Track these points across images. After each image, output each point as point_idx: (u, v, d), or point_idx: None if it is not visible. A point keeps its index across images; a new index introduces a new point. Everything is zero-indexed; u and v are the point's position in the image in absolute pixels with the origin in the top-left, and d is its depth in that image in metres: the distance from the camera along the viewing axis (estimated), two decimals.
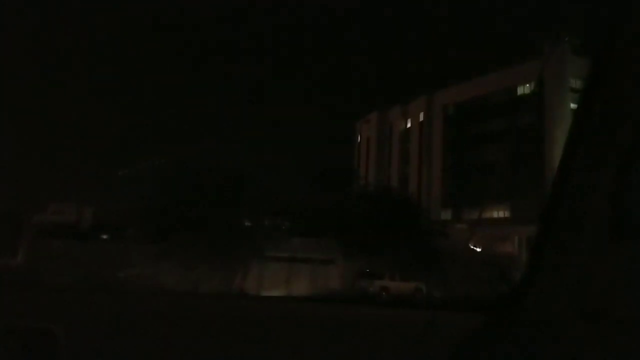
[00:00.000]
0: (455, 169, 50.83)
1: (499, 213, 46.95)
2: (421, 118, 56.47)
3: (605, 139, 1.86)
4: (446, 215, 49.79)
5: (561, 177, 1.97)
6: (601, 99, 1.87)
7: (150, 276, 23.96)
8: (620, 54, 1.81)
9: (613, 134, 1.85)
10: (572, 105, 44.92)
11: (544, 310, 1.96)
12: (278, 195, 32.91)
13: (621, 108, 1.83)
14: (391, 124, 59.87)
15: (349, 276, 28.41)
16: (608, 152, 1.85)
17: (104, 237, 32.46)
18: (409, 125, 58.44)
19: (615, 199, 1.84)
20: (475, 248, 42.37)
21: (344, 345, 2.18)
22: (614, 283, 1.82)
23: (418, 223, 35.66)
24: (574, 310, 1.88)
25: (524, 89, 47.17)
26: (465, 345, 2.09)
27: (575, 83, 45.38)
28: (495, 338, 2.08)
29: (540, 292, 2.00)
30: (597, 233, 1.87)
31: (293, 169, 39.23)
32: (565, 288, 1.92)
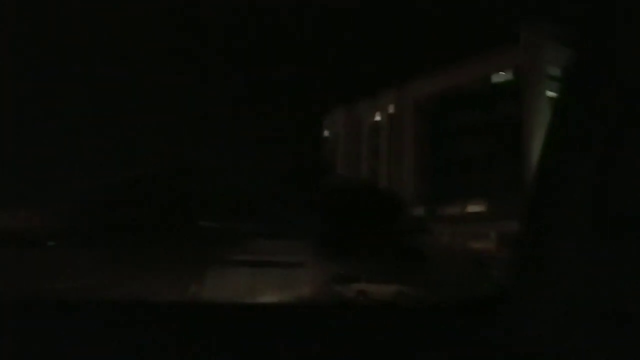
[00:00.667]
0: (428, 164, 48.44)
1: (476, 208, 44.80)
2: (391, 111, 53.93)
3: (586, 133, 1.90)
4: (419, 212, 47.36)
5: (542, 173, 2.08)
6: (580, 94, 1.95)
7: (96, 286, 20.76)
8: (600, 47, 1.87)
9: (594, 128, 1.88)
10: (550, 94, 43.29)
11: (530, 308, 1.98)
12: (241, 193, 29.56)
13: (602, 100, 1.85)
14: (360, 118, 57.16)
15: (322, 280, 25.40)
16: (589, 147, 1.88)
17: (52, 244, 28.74)
18: (378, 118, 55.84)
19: (598, 195, 1.85)
20: (455, 246, 40.39)
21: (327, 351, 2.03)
22: (599, 278, 1.81)
23: (395, 220, 33.00)
24: (559, 307, 1.89)
25: (500, 78, 45.18)
26: (452, 345, 2.08)
27: (553, 71, 43.68)
28: (483, 337, 2.08)
29: (526, 290, 2.04)
30: (581, 229, 1.91)
31: (258, 165, 35.96)
32: (550, 285, 1.95)
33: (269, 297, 22.83)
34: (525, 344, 1.92)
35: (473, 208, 44.97)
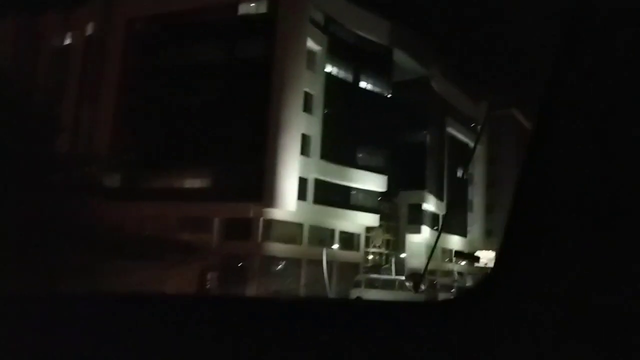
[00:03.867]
0: (135, 112, 33.56)
1: (195, 182, 32.00)
2: (90, 32, 37.17)
3: (575, 125, 1.89)
4: (115, 181, 32.25)
5: (529, 165, 1.98)
6: (566, 88, 1.91)
7: None
8: (585, 44, 1.87)
9: (582, 120, 1.88)
10: (311, 44, 33.52)
11: (516, 300, 1.95)
12: None
13: (589, 93, 1.86)
14: (40, 35, 38.47)
15: None
16: (580, 139, 1.87)
17: None
18: (69, 41, 38.28)
19: (587, 187, 1.84)
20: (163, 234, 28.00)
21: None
22: (588, 271, 1.81)
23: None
24: (545, 299, 1.87)
25: (249, 10, 33.35)
26: (432, 340, 2.04)
27: (317, 16, 34.05)
28: (464, 333, 2.03)
29: (513, 282, 1.98)
30: (569, 222, 1.87)
31: None
32: (536, 277, 1.91)
33: None
34: (510, 338, 1.86)
35: (191, 180, 32.01)
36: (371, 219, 37.43)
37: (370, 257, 39.92)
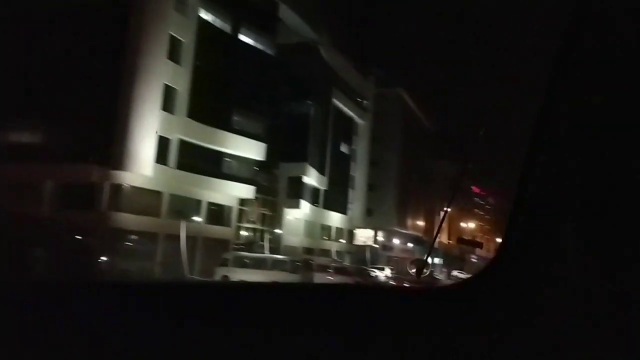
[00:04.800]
0: None
1: (24, 137, 25.83)
2: None
3: (578, 114, 1.90)
4: None
5: (531, 155, 1.97)
6: (567, 91, 1.90)
7: None
8: (590, 46, 1.86)
9: (586, 109, 1.88)
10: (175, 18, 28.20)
11: (515, 291, 1.93)
12: None
13: (590, 95, 1.87)
14: None
15: None
16: (581, 131, 1.89)
17: None
18: None
19: (587, 180, 1.87)
20: None
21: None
22: (596, 255, 1.82)
23: None
24: (547, 291, 1.88)
25: None
26: (434, 328, 1.96)
27: None
28: (466, 320, 1.95)
29: (513, 272, 1.96)
30: (568, 214, 1.88)
31: None
32: (538, 268, 1.90)
33: None
34: (515, 324, 1.83)
35: (22, 135, 25.73)
36: (246, 191, 33.46)
37: (244, 233, 36.15)
